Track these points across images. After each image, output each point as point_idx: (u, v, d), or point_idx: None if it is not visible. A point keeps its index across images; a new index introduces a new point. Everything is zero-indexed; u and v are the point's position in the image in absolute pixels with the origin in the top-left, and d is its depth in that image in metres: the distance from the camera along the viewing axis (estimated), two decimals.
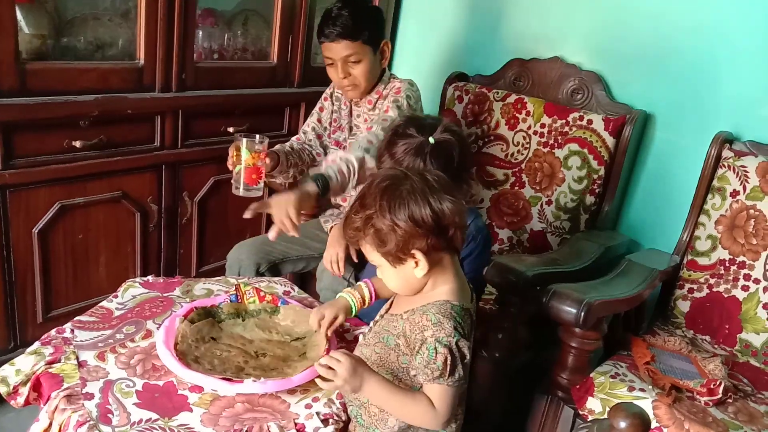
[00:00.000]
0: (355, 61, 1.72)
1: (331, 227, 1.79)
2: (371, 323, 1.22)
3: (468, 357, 1.04)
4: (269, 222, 2.35)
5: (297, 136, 1.95)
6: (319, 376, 1.05)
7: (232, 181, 1.61)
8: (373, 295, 1.32)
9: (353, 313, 1.32)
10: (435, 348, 1.01)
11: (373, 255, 1.09)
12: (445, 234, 1.05)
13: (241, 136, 1.56)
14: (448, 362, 1.01)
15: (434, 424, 1.07)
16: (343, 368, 1.02)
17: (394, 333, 1.09)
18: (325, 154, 1.94)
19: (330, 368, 1.03)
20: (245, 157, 1.56)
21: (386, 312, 1.19)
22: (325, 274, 1.72)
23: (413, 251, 1.04)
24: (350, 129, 1.89)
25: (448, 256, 1.09)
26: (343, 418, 1.17)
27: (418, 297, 1.10)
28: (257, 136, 1.60)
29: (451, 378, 1.02)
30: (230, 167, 1.61)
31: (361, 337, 1.25)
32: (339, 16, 1.67)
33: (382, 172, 1.13)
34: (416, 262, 1.05)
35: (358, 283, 1.35)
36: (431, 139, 1.36)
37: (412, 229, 1.02)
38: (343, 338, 1.40)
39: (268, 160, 1.66)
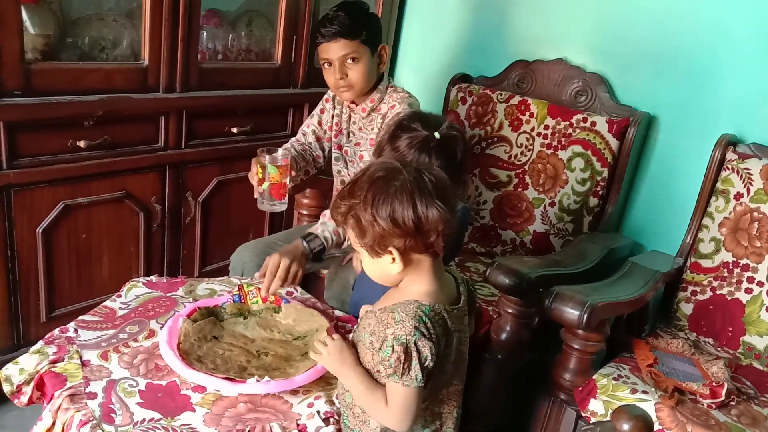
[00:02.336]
0: (354, 60, 1.69)
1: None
2: (359, 320, 1.22)
3: (429, 359, 1.01)
4: (272, 223, 2.38)
5: (296, 137, 1.94)
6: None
7: (255, 196, 1.61)
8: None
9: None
10: (392, 345, 1.00)
11: (354, 242, 1.09)
12: (425, 238, 1.03)
13: (264, 153, 1.57)
14: (402, 360, 0.99)
15: (388, 423, 1.05)
16: (330, 347, 1.11)
17: (368, 330, 1.09)
18: (325, 156, 1.94)
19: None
20: (273, 173, 1.56)
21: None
22: (334, 284, 1.71)
23: (390, 248, 1.04)
24: (347, 135, 1.88)
25: (428, 260, 1.07)
26: None
27: (394, 296, 1.10)
28: (280, 150, 1.61)
29: (406, 377, 1.00)
30: (253, 183, 1.62)
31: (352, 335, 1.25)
32: (336, 17, 1.67)
33: (379, 162, 1.11)
34: (392, 259, 1.05)
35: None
36: (437, 134, 1.34)
37: (390, 228, 1.01)
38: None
39: (293, 173, 1.66)
